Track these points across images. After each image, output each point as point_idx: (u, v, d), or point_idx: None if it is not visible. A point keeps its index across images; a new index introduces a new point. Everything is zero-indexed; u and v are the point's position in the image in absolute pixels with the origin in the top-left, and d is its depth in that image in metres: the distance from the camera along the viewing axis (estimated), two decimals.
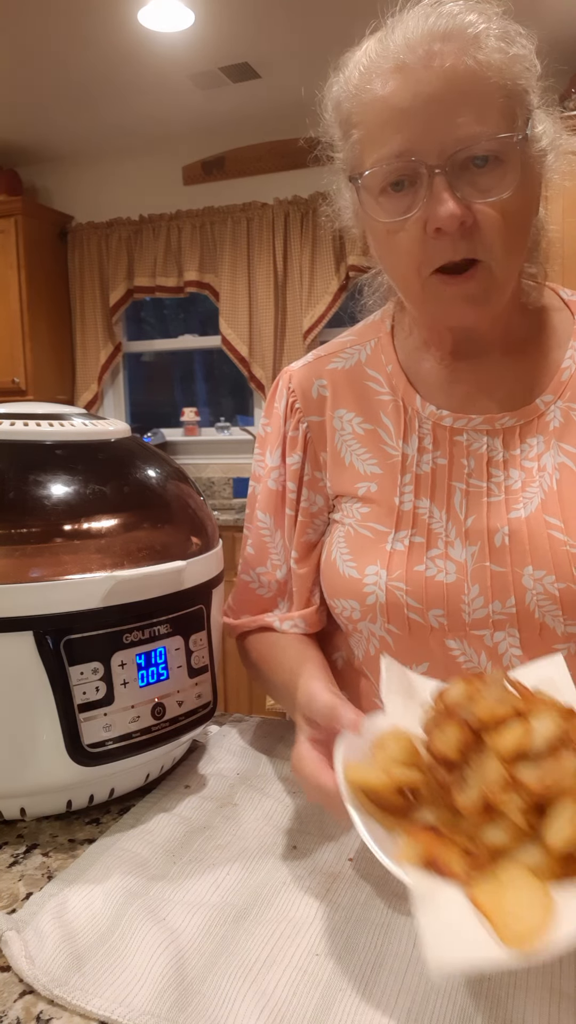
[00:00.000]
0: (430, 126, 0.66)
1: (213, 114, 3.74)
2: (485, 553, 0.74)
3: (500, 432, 0.78)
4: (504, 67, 0.66)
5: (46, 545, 0.68)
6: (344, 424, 0.85)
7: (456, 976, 0.46)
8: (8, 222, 4.05)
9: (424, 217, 0.68)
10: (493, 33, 0.66)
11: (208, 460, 4.36)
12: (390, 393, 0.83)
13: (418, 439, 0.81)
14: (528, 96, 0.69)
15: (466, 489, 0.77)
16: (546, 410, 0.78)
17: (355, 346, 0.88)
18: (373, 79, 0.68)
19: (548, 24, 2.96)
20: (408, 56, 0.66)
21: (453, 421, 0.79)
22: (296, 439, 0.87)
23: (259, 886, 0.59)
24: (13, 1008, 0.48)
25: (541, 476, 0.75)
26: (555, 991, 0.47)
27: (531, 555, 0.73)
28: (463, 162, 0.66)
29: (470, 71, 0.65)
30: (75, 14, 2.87)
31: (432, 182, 0.66)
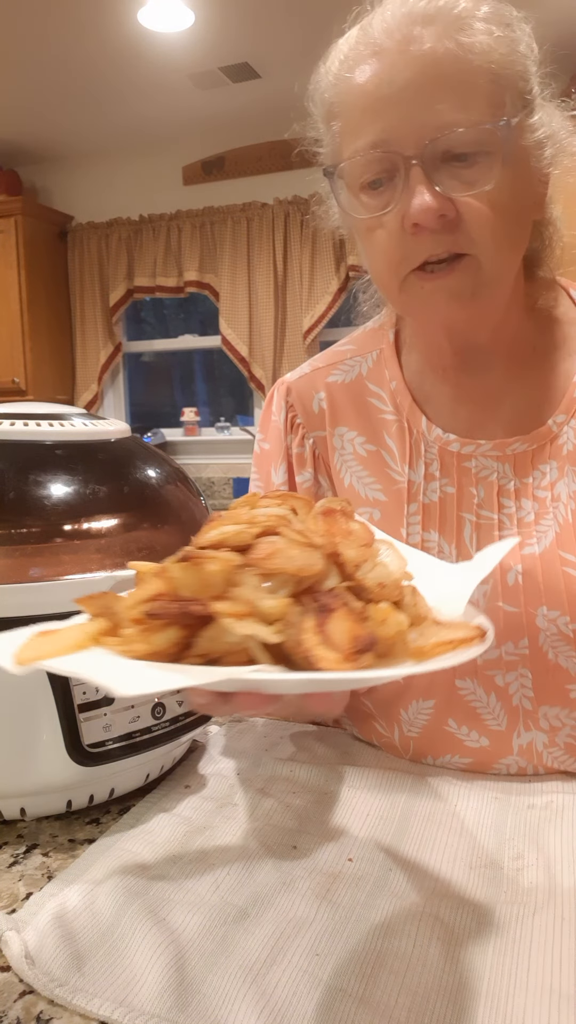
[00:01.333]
0: (406, 114, 0.61)
1: (213, 114, 3.75)
2: (498, 592, 0.71)
3: (511, 458, 0.73)
4: (490, 49, 0.61)
5: (46, 545, 0.68)
6: (345, 443, 0.80)
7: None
8: (8, 222, 4.05)
9: (401, 212, 0.63)
10: (482, 14, 0.62)
11: (208, 460, 4.36)
12: (394, 412, 0.78)
13: (424, 465, 0.76)
14: (522, 83, 0.64)
15: (476, 522, 0.73)
16: (559, 432, 0.73)
17: (355, 357, 0.83)
18: (352, 67, 0.64)
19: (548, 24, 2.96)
20: (386, 41, 0.62)
21: (461, 447, 0.74)
22: (304, 456, 0.82)
23: (259, 886, 0.59)
24: (13, 1008, 0.48)
25: (555, 507, 0.71)
26: (555, 991, 0.47)
27: (545, 595, 0.69)
28: (443, 153, 0.62)
29: (450, 54, 0.60)
30: (75, 14, 2.87)
31: (409, 174, 0.62)
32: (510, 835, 0.64)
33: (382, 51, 0.62)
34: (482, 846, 0.63)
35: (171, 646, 0.43)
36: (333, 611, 0.43)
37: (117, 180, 4.31)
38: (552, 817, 0.66)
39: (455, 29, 0.61)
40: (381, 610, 0.44)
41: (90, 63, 3.25)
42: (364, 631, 0.43)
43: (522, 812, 0.68)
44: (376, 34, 0.63)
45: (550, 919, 0.54)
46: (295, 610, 0.43)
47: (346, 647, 0.41)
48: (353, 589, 0.46)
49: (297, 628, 0.43)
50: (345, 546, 0.47)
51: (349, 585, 0.46)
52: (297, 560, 0.45)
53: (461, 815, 0.68)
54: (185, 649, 0.43)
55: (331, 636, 0.42)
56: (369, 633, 0.42)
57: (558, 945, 0.51)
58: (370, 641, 0.42)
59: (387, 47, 0.62)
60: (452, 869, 0.60)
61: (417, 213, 0.61)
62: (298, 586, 0.45)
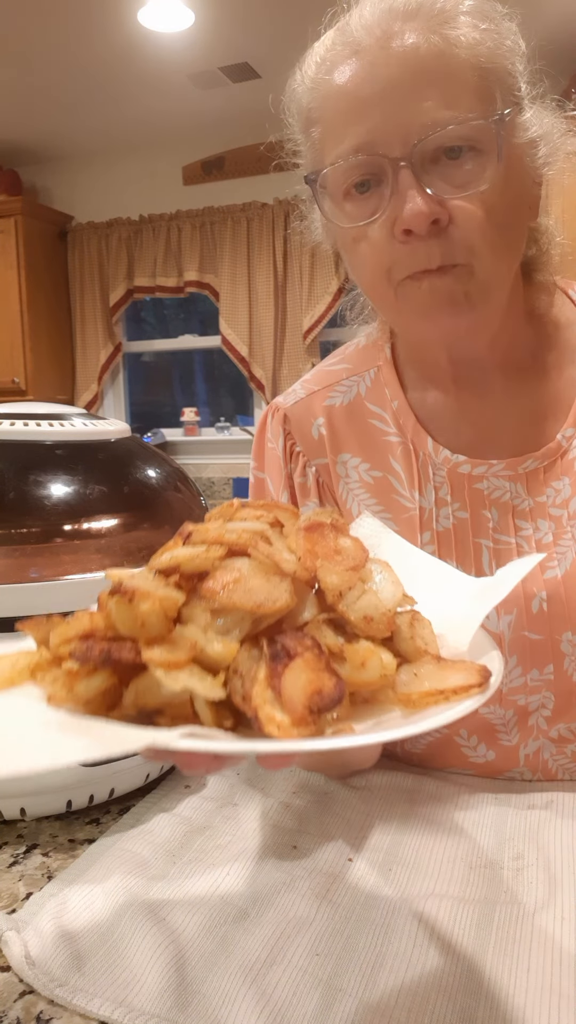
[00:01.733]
0: (391, 114, 0.58)
1: (213, 114, 3.75)
2: (523, 622, 0.68)
3: (523, 477, 0.70)
4: (477, 43, 0.58)
5: (46, 545, 0.68)
6: (349, 471, 0.75)
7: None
8: (8, 222, 4.05)
9: (392, 218, 0.59)
10: (465, 8, 0.59)
11: (208, 460, 4.36)
12: (398, 434, 0.74)
13: (434, 489, 0.72)
14: (510, 79, 0.61)
15: (493, 548, 0.70)
16: (568, 447, 0.70)
17: (352, 377, 0.78)
18: (330, 69, 0.61)
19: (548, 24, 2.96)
20: (366, 38, 0.58)
21: (472, 468, 0.71)
22: (307, 486, 0.77)
23: (259, 886, 0.59)
24: (13, 1008, 0.48)
25: (572, 525, 0.69)
26: (555, 991, 0.47)
27: (570, 619, 0.68)
28: (433, 153, 0.58)
29: (435, 49, 0.57)
30: (75, 14, 2.87)
31: (397, 177, 0.58)
32: (510, 835, 0.64)
33: (362, 49, 0.59)
34: (482, 846, 0.63)
35: (98, 695, 0.37)
36: (294, 658, 0.36)
37: (117, 180, 4.31)
38: (552, 817, 0.66)
39: (439, 23, 0.57)
40: (361, 651, 0.38)
41: (90, 63, 3.25)
42: (327, 684, 0.35)
43: (522, 812, 0.68)
44: (355, 32, 0.59)
45: (550, 919, 0.54)
46: (247, 656, 0.37)
47: (299, 707, 0.34)
48: (334, 622, 0.39)
49: (249, 679, 0.36)
50: (326, 570, 0.40)
51: (329, 618, 0.39)
52: (256, 594, 0.38)
53: (461, 815, 0.68)
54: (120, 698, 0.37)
55: (285, 691, 0.35)
56: (334, 687, 0.35)
57: (558, 945, 0.51)
58: (332, 698, 0.35)
59: (367, 45, 0.58)
60: (452, 869, 0.60)
61: (409, 219, 0.58)
62: (257, 625, 0.38)
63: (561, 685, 0.69)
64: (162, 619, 0.38)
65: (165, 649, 0.36)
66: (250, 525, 0.44)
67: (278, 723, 0.34)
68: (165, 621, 0.38)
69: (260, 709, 0.35)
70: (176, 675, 0.36)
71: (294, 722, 0.34)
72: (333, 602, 0.39)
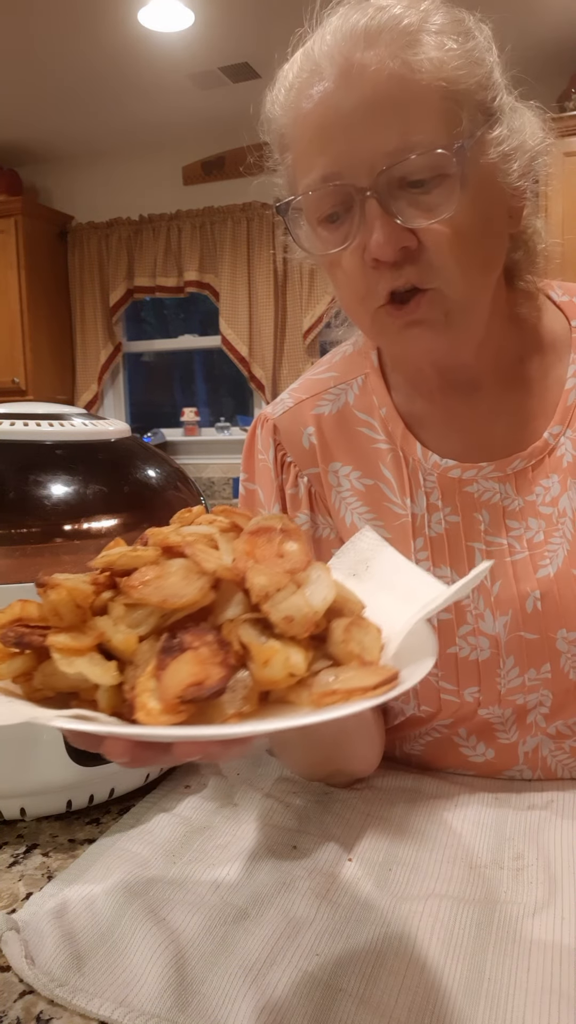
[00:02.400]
0: (354, 144, 0.58)
1: (213, 114, 3.75)
2: (518, 622, 0.69)
3: (512, 477, 0.71)
4: (441, 64, 0.56)
5: (46, 545, 0.68)
6: (341, 480, 0.75)
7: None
8: (8, 222, 4.06)
9: (360, 246, 0.60)
10: (432, 26, 0.57)
11: (208, 460, 4.36)
12: (387, 441, 0.74)
13: (425, 495, 0.72)
14: (481, 93, 0.60)
15: (486, 550, 0.70)
16: (556, 444, 0.70)
17: (340, 385, 0.78)
18: (298, 96, 0.60)
19: (548, 24, 2.96)
20: (328, 66, 0.58)
21: (462, 472, 0.71)
22: (298, 497, 0.77)
23: (259, 886, 0.59)
24: (13, 1008, 0.48)
25: (562, 523, 0.69)
26: (555, 991, 0.47)
27: (564, 617, 0.68)
28: (398, 181, 0.58)
29: (395, 76, 0.56)
30: (75, 14, 2.88)
31: (364, 207, 0.58)
32: (510, 835, 0.64)
33: (324, 77, 0.58)
34: (482, 846, 0.63)
35: (20, 675, 0.40)
36: (186, 651, 0.37)
37: (117, 180, 4.31)
38: (552, 817, 0.66)
39: (400, 47, 0.56)
40: (265, 649, 0.38)
41: (90, 63, 3.25)
42: (211, 676, 0.36)
43: (522, 812, 0.68)
44: (318, 59, 0.59)
45: (550, 919, 0.54)
46: (149, 648, 0.39)
47: (170, 695, 0.35)
48: (263, 622, 0.40)
49: (141, 669, 0.38)
50: (256, 572, 0.41)
51: (256, 618, 0.40)
52: (165, 590, 0.39)
53: (461, 815, 0.68)
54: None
55: (163, 680, 0.36)
56: (217, 680, 0.36)
57: (558, 945, 0.51)
58: (211, 689, 0.36)
59: (329, 73, 0.58)
60: (452, 869, 0.60)
61: (375, 249, 0.58)
62: (166, 619, 0.40)
63: (558, 683, 0.69)
64: (72, 608, 0.40)
65: (71, 636, 0.39)
66: (202, 529, 0.45)
67: (148, 710, 0.36)
68: (76, 611, 0.40)
69: (138, 697, 0.36)
70: (72, 660, 0.38)
71: (163, 709, 0.35)
72: (258, 602, 0.40)
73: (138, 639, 0.39)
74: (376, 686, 0.37)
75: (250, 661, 0.38)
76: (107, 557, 0.43)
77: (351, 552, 0.57)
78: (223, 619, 0.40)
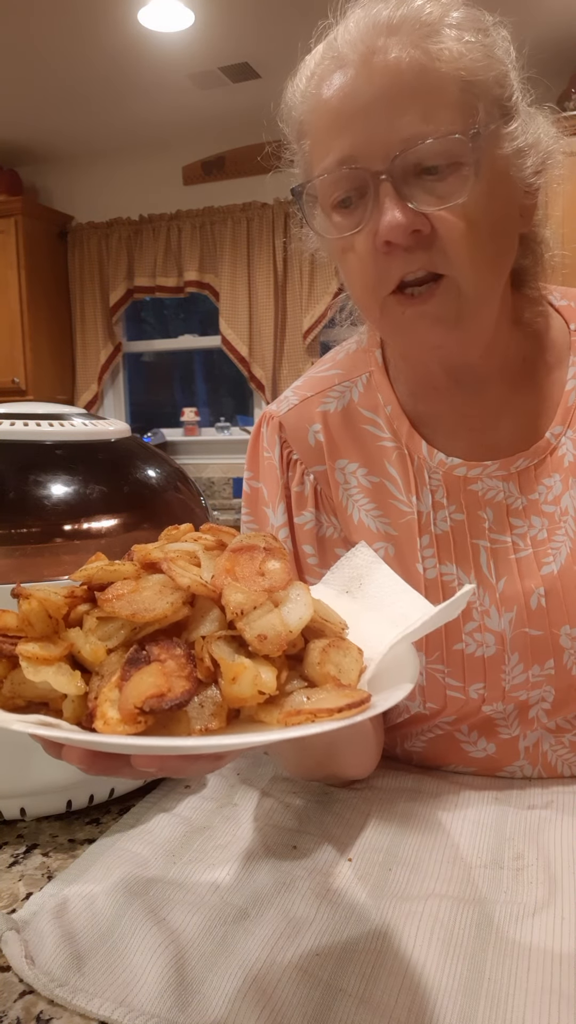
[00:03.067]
0: (372, 128, 0.59)
1: (213, 114, 3.75)
2: (523, 619, 0.69)
3: (516, 476, 0.72)
4: (460, 55, 0.58)
5: (46, 545, 0.68)
6: (348, 477, 0.76)
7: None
8: (8, 222, 4.06)
9: (372, 230, 0.60)
10: (452, 20, 0.59)
11: (208, 460, 4.36)
12: (392, 439, 0.75)
13: (430, 493, 0.73)
14: (498, 89, 0.61)
15: (491, 547, 0.71)
16: (557, 444, 0.72)
17: (344, 383, 0.78)
18: (318, 83, 0.62)
19: (548, 23, 2.96)
20: (350, 54, 0.59)
21: (467, 471, 0.72)
22: (304, 495, 0.77)
23: (259, 886, 0.59)
24: (13, 1008, 0.48)
25: (564, 521, 0.70)
26: (555, 991, 0.47)
27: (567, 614, 0.68)
28: (413, 166, 0.59)
29: (416, 63, 0.57)
30: (75, 14, 2.88)
31: (378, 190, 0.59)
32: (510, 835, 0.64)
33: (346, 64, 0.60)
34: (482, 846, 0.63)
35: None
36: (151, 663, 0.37)
37: (117, 180, 4.31)
38: (552, 817, 0.66)
39: (421, 36, 0.58)
40: (235, 666, 0.38)
41: (90, 63, 3.25)
42: (174, 689, 0.36)
43: (522, 812, 0.68)
44: (340, 47, 0.60)
45: (550, 919, 0.54)
46: (116, 660, 0.39)
47: (130, 705, 0.35)
48: (238, 640, 0.40)
49: (106, 680, 0.38)
50: (232, 589, 0.41)
51: (228, 635, 0.40)
52: (137, 604, 0.40)
53: (461, 815, 0.68)
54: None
55: (125, 691, 0.36)
56: (180, 693, 0.36)
57: (558, 945, 0.51)
58: (172, 701, 0.36)
59: (351, 60, 0.59)
60: (452, 869, 0.60)
61: (387, 230, 0.59)
62: (136, 633, 0.40)
63: (561, 680, 0.70)
64: (44, 619, 0.40)
65: (40, 646, 0.39)
66: (186, 546, 0.45)
67: (107, 719, 0.36)
68: (48, 621, 0.41)
69: (99, 707, 0.36)
70: (39, 669, 0.38)
71: (121, 719, 0.35)
72: (234, 619, 0.40)
73: (106, 651, 0.40)
74: (341, 709, 0.36)
75: (220, 677, 0.38)
76: (86, 571, 0.43)
77: (346, 568, 0.57)
78: (197, 635, 0.40)
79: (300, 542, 0.76)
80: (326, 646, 0.42)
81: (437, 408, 0.74)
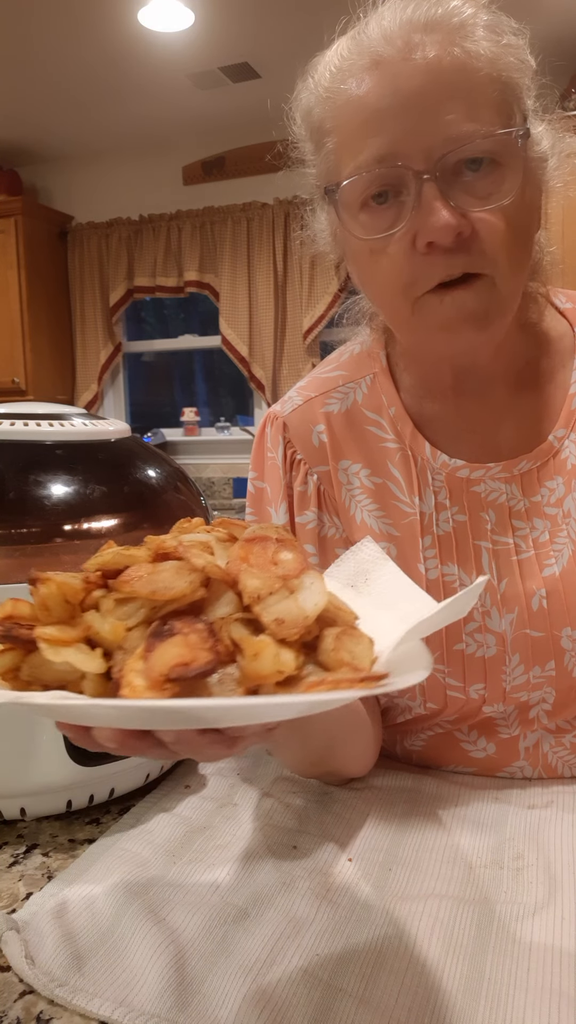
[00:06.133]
0: (414, 126, 0.57)
1: (213, 114, 3.75)
2: (524, 620, 0.69)
3: (518, 478, 0.72)
4: (496, 57, 0.58)
5: (46, 545, 0.68)
6: (351, 478, 0.75)
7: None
8: (8, 222, 4.05)
9: (413, 231, 0.59)
10: (482, 22, 0.59)
11: (208, 460, 4.36)
12: (396, 440, 0.75)
13: (433, 494, 0.73)
14: (526, 92, 0.62)
15: (493, 549, 0.71)
16: (560, 447, 0.72)
17: (348, 384, 0.78)
18: (347, 79, 0.60)
19: (548, 23, 2.96)
20: (385, 49, 0.58)
21: (470, 472, 0.72)
22: (307, 495, 0.76)
23: (259, 886, 0.59)
24: (13, 1008, 0.48)
25: (567, 523, 0.70)
26: (555, 991, 0.47)
27: (569, 615, 0.69)
28: (455, 166, 0.58)
29: (458, 62, 0.57)
30: (75, 14, 2.87)
31: (421, 190, 0.58)
32: (510, 835, 0.64)
33: (382, 60, 0.58)
34: (482, 846, 0.63)
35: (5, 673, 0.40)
36: (175, 635, 0.37)
37: (117, 180, 4.31)
38: (552, 817, 0.66)
39: (459, 36, 0.57)
40: (256, 642, 0.38)
41: (90, 63, 3.25)
42: (199, 658, 0.36)
43: (522, 812, 0.68)
44: (374, 42, 0.59)
45: (550, 919, 0.54)
46: (139, 635, 0.39)
47: (156, 672, 0.35)
48: (252, 623, 0.40)
49: (130, 653, 0.38)
50: (249, 574, 0.41)
51: (246, 618, 0.40)
52: (155, 583, 0.40)
53: (461, 815, 0.68)
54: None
55: (151, 659, 0.36)
56: (205, 662, 0.36)
57: (558, 945, 0.51)
58: (198, 670, 0.36)
59: (388, 56, 0.58)
60: (452, 869, 0.60)
61: (434, 231, 0.57)
62: (156, 612, 0.40)
63: (562, 681, 0.70)
64: (61, 603, 0.40)
65: (58, 628, 0.39)
66: (199, 536, 0.46)
67: (134, 686, 0.35)
68: (65, 606, 0.41)
69: (125, 676, 0.36)
70: (59, 650, 0.38)
71: (149, 685, 0.35)
72: (250, 604, 0.40)
73: (126, 629, 0.40)
74: (363, 679, 0.37)
75: (239, 655, 0.38)
76: (100, 557, 0.43)
77: (351, 562, 0.57)
78: (213, 616, 0.40)
79: (301, 542, 0.76)
80: (339, 633, 0.42)
81: (441, 410, 0.74)
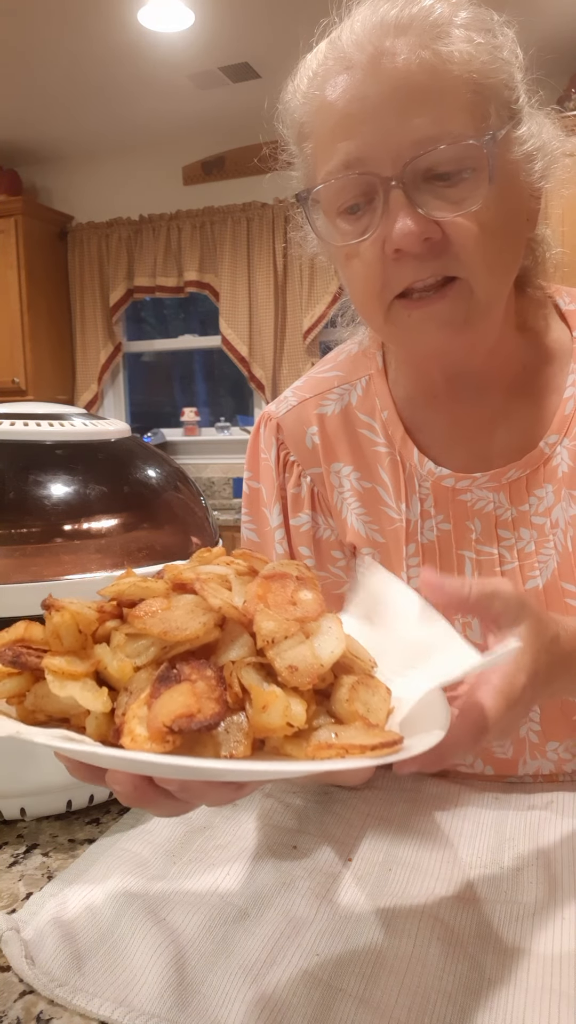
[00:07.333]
0: (381, 132, 0.56)
1: (213, 114, 3.75)
2: None
3: (506, 487, 0.70)
4: (471, 57, 0.56)
5: (46, 545, 0.68)
6: (342, 480, 0.75)
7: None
8: (8, 222, 4.05)
9: (381, 237, 0.58)
10: (460, 20, 0.57)
11: (208, 460, 4.36)
12: (386, 445, 0.74)
13: (419, 501, 0.72)
14: (507, 91, 0.59)
15: (476, 559, 0.70)
16: (552, 454, 0.69)
17: (343, 385, 0.77)
18: (322, 84, 0.59)
19: (547, 22, 2.96)
20: (356, 54, 0.57)
21: (456, 482, 0.71)
22: (300, 496, 0.76)
23: (259, 886, 0.59)
24: (13, 1008, 0.48)
25: (554, 534, 0.69)
26: (555, 991, 0.47)
27: None
28: (424, 172, 0.57)
29: (427, 65, 0.55)
30: (75, 14, 2.87)
31: (388, 197, 0.57)
32: (510, 835, 0.64)
33: (353, 65, 0.57)
34: (482, 846, 0.63)
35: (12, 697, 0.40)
36: (181, 682, 0.36)
37: (117, 180, 4.31)
38: (552, 817, 0.66)
39: (431, 37, 0.56)
40: (266, 694, 0.36)
41: (90, 63, 3.25)
42: (204, 710, 0.35)
43: (522, 812, 0.68)
44: (346, 47, 0.58)
45: (550, 919, 0.54)
46: (145, 677, 0.38)
47: (159, 723, 0.34)
48: (267, 668, 0.39)
49: (134, 696, 0.37)
50: (265, 616, 0.40)
51: (258, 662, 0.39)
52: (169, 623, 0.38)
53: (461, 815, 0.68)
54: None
55: (154, 708, 0.35)
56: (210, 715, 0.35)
57: (558, 945, 0.51)
58: (201, 723, 0.34)
59: (358, 60, 0.57)
60: (452, 869, 0.60)
61: (399, 238, 0.57)
62: (166, 652, 0.39)
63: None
64: (74, 632, 0.39)
65: (67, 660, 0.38)
66: (218, 569, 0.45)
67: (135, 736, 0.35)
68: (78, 636, 0.40)
69: (126, 723, 0.35)
70: (65, 683, 0.37)
71: (149, 736, 0.34)
72: (264, 647, 0.39)
73: (134, 668, 0.39)
74: (375, 747, 0.35)
75: (249, 705, 0.37)
76: (117, 586, 0.42)
77: (361, 592, 0.56)
78: (226, 659, 0.39)
79: (296, 544, 0.76)
80: (355, 683, 0.41)
81: (433, 415, 0.73)
